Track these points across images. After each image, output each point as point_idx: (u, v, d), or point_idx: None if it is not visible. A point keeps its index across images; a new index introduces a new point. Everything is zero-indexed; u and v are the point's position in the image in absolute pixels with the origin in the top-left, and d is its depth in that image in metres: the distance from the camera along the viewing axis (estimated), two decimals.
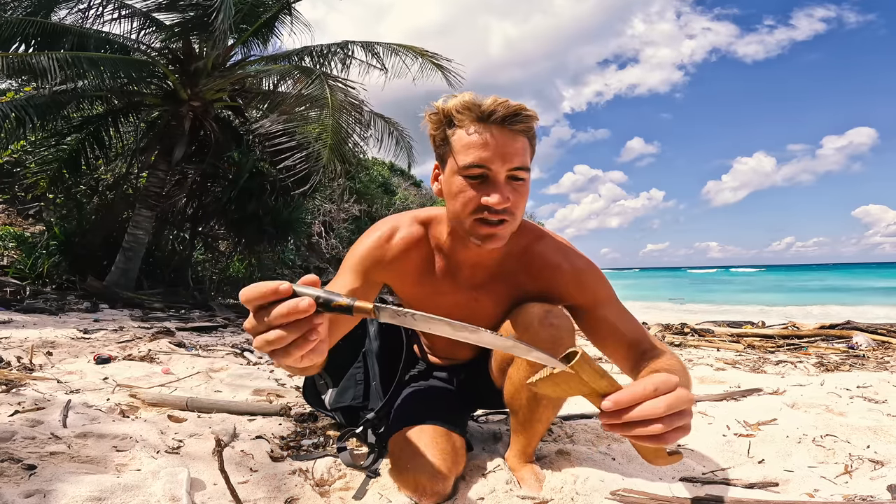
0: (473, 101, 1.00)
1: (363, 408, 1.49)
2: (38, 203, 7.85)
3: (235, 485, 1.07)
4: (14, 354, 2.38)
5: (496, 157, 0.99)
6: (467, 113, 1.01)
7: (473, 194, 1.02)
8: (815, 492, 1.26)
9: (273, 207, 7.22)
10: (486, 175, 1.01)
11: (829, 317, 6.76)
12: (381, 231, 1.20)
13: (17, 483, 1.05)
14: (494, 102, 0.99)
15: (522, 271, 1.18)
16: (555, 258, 1.17)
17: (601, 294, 1.18)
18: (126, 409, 1.70)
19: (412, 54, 6.99)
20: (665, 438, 0.67)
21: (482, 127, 1.00)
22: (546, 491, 1.21)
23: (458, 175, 1.03)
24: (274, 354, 0.60)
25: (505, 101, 0.99)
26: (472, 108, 1.00)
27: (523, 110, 0.99)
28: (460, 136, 1.02)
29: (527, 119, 1.00)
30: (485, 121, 1.00)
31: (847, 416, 1.84)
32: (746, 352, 3.83)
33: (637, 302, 13.96)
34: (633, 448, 1.55)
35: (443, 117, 1.05)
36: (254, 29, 7.06)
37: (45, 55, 5.36)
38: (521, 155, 1.01)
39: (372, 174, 15.19)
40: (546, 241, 1.19)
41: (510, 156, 1.00)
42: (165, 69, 6.68)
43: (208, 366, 2.53)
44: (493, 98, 1.00)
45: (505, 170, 1.00)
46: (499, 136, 0.99)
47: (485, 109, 0.99)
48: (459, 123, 1.02)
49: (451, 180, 1.05)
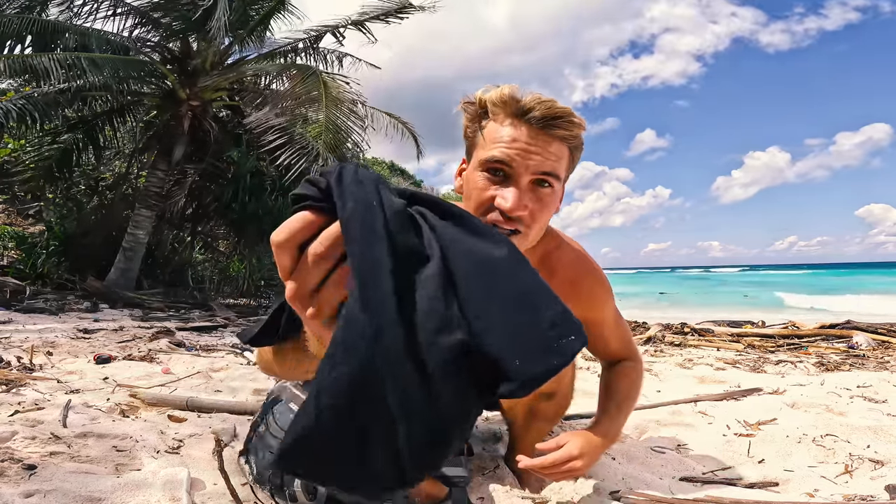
0: (512, 94, 0.91)
1: None
2: (38, 203, 7.85)
3: (235, 485, 1.07)
4: (14, 354, 2.38)
5: (521, 157, 0.89)
6: (503, 106, 0.92)
7: (489, 193, 0.91)
8: (815, 492, 1.26)
9: (273, 207, 7.22)
10: (508, 174, 0.90)
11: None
12: None
13: (17, 483, 1.05)
14: (535, 100, 0.90)
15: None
16: (571, 272, 1.12)
17: (605, 312, 1.19)
18: (126, 409, 1.70)
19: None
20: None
21: (516, 122, 0.91)
22: (546, 491, 1.21)
23: (479, 170, 0.94)
24: (324, 305, 0.40)
25: (548, 101, 0.90)
26: (510, 102, 0.91)
27: (567, 115, 0.90)
28: (490, 129, 0.94)
29: (568, 126, 0.90)
30: (520, 117, 0.90)
31: (847, 416, 1.84)
32: (746, 351, 3.83)
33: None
34: (633, 448, 1.55)
35: (478, 108, 0.96)
36: (250, 28, 7.06)
37: (47, 56, 5.38)
38: (553, 161, 0.90)
39: None
40: (564, 249, 1.14)
41: (539, 158, 0.89)
42: (164, 68, 6.69)
43: (208, 366, 2.53)
44: (536, 95, 0.91)
45: (529, 172, 0.89)
46: (531, 135, 0.90)
47: (522, 105, 0.90)
48: (493, 116, 0.94)
49: (471, 175, 0.96)
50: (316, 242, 0.40)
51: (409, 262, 0.36)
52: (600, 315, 1.18)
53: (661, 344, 4.21)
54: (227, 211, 7.25)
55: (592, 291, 1.15)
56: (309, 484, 1.02)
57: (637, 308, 10.26)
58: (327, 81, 6.12)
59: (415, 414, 0.34)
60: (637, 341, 4.34)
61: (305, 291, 0.40)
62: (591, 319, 1.17)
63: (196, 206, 7.77)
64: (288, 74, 6.79)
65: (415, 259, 0.37)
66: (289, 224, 0.40)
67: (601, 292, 1.17)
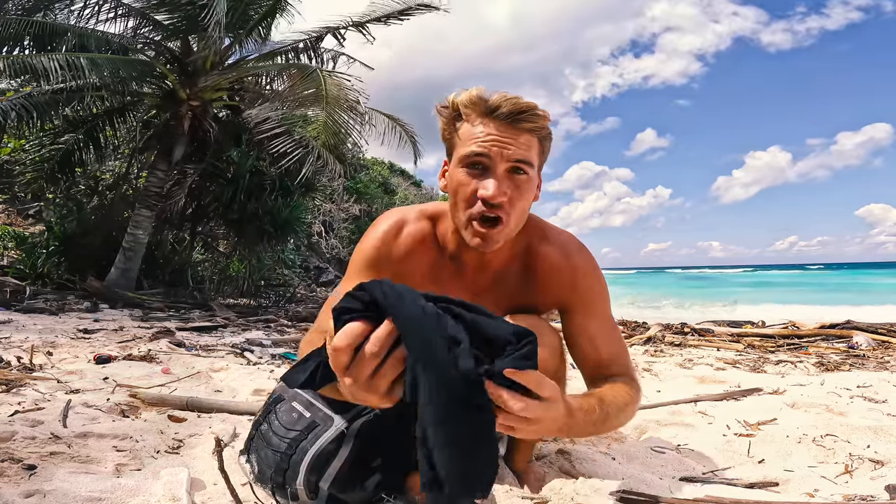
0: (480, 95, 1.00)
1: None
2: (38, 203, 7.85)
3: (235, 485, 1.07)
4: (14, 354, 2.38)
5: (496, 148, 0.98)
6: (473, 107, 1.00)
7: (471, 187, 1.00)
8: (815, 492, 1.26)
9: (273, 207, 7.21)
10: (486, 166, 0.99)
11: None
12: (387, 226, 1.16)
13: (17, 483, 1.05)
14: (501, 98, 0.98)
15: (525, 273, 1.15)
16: (556, 258, 1.14)
17: (591, 301, 1.13)
18: (126, 409, 1.70)
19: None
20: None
21: (487, 120, 0.99)
22: (546, 491, 1.21)
23: (459, 167, 1.02)
24: (381, 385, 0.62)
25: (513, 98, 0.98)
26: (478, 103, 0.99)
27: (531, 109, 0.98)
28: (465, 129, 1.02)
29: (534, 118, 0.99)
30: (489, 115, 0.99)
31: (847, 416, 1.84)
32: (746, 351, 3.83)
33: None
34: (633, 448, 1.55)
35: (452, 111, 1.04)
36: (249, 28, 7.06)
37: (47, 56, 5.38)
38: (525, 150, 0.99)
39: (371, 174, 15.19)
40: (549, 237, 1.16)
41: (512, 148, 0.98)
42: (164, 68, 6.69)
43: (208, 366, 2.53)
44: (502, 94, 0.99)
45: (505, 161, 0.98)
46: (503, 129, 0.98)
47: (490, 104, 0.98)
48: (466, 117, 1.02)
49: (453, 173, 1.03)
50: (370, 345, 0.59)
51: (451, 343, 0.59)
52: (579, 301, 1.13)
53: (660, 344, 4.21)
54: (227, 211, 7.24)
55: (574, 277, 1.13)
56: (311, 482, 1.02)
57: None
58: (327, 80, 6.12)
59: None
60: (637, 341, 4.33)
61: (363, 379, 0.60)
62: (576, 305, 1.13)
63: (196, 206, 7.77)
64: (288, 74, 6.79)
65: (452, 341, 0.59)
66: (347, 332, 0.60)
67: (585, 279, 1.13)
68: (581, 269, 1.14)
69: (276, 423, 1.10)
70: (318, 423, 1.06)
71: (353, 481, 1.04)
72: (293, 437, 1.06)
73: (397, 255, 1.15)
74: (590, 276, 1.14)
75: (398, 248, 1.15)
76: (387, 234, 1.15)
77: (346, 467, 1.03)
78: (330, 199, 12.02)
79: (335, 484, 1.03)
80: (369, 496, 1.04)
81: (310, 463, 1.02)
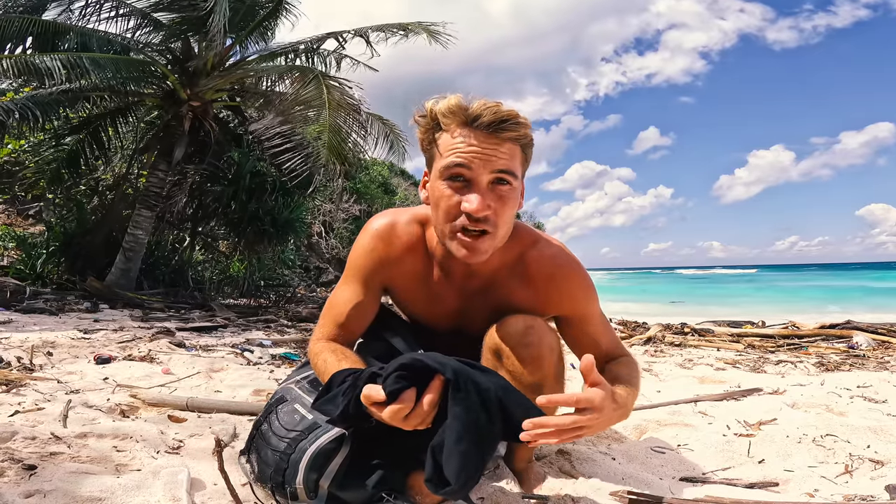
0: (459, 104, 0.97)
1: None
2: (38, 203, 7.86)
3: (235, 485, 1.07)
4: (14, 354, 2.38)
5: (478, 160, 0.95)
6: (452, 116, 0.97)
7: (454, 200, 0.97)
8: (815, 492, 1.26)
9: (273, 207, 7.21)
10: (468, 178, 0.96)
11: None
12: (379, 228, 1.15)
13: (17, 483, 1.05)
14: (482, 106, 0.95)
15: (516, 279, 1.14)
16: (548, 268, 1.13)
17: (587, 309, 1.16)
18: (126, 409, 1.70)
19: (399, 30, 7.02)
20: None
21: (467, 129, 0.96)
22: (546, 490, 1.21)
23: (440, 180, 0.99)
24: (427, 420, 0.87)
25: (493, 106, 0.96)
26: (458, 112, 0.96)
27: (513, 117, 0.95)
28: (445, 140, 0.99)
29: (515, 127, 0.96)
30: (470, 124, 0.96)
31: (847, 416, 1.84)
32: (746, 351, 3.83)
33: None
34: (633, 448, 1.55)
35: (430, 120, 1.01)
36: (251, 28, 7.06)
37: (49, 56, 5.38)
38: (507, 159, 0.97)
39: (372, 174, 15.19)
40: (540, 247, 1.15)
41: (493, 159, 0.95)
42: (165, 69, 6.69)
43: (208, 366, 2.53)
44: (482, 102, 0.96)
45: (487, 172, 0.96)
46: (483, 140, 0.95)
47: (471, 113, 0.96)
48: (445, 127, 0.99)
49: (434, 185, 1.01)
50: (427, 403, 0.85)
51: (479, 396, 0.87)
52: (584, 310, 1.16)
53: (661, 344, 4.21)
54: (228, 211, 7.25)
55: (571, 286, 1.14)
56: (311, 480, 1.02)
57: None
58: (329, 84, 6.11)
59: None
60: (637, 341, 4.33)
61: (421, 422, 0.86)
62: (574, 315, 1.16)
63: (196, 207, 7.77)
64: (289, 76, 6.79)
65: (481, 390, 0.88)
66: (405, 398, 0.84)
67: (582, 286, 1.15)
68: (574, 281, 1.14)
69: (277, 424, 1.10)
70: (318, 425, 1.06)
71: (353, 479, 1.04)
72: (293, 437, 1.06)
73: (389, 260, 1.15)
74: (583, 288, 1.15)
75: (391, 251, 1.15)
76: (379, 238, 1.15)
77: (346, 464, 1.03)
78: (330, 199, 12.01)
79: (336, 481, 1.03)
80: (369, 495, 1.04)
81: (310, 461, 1.02)
